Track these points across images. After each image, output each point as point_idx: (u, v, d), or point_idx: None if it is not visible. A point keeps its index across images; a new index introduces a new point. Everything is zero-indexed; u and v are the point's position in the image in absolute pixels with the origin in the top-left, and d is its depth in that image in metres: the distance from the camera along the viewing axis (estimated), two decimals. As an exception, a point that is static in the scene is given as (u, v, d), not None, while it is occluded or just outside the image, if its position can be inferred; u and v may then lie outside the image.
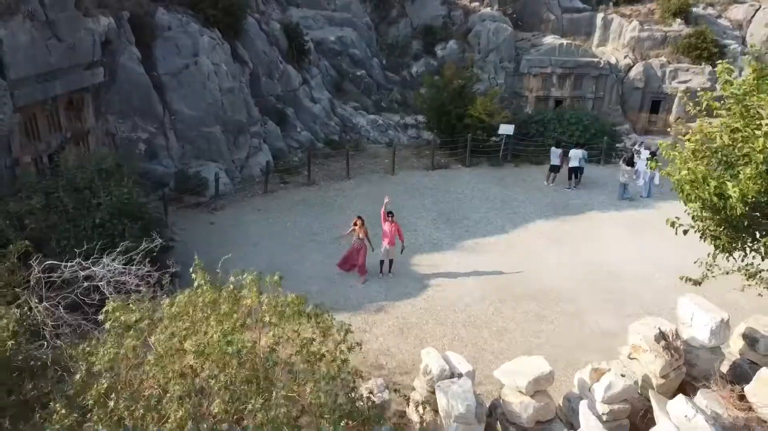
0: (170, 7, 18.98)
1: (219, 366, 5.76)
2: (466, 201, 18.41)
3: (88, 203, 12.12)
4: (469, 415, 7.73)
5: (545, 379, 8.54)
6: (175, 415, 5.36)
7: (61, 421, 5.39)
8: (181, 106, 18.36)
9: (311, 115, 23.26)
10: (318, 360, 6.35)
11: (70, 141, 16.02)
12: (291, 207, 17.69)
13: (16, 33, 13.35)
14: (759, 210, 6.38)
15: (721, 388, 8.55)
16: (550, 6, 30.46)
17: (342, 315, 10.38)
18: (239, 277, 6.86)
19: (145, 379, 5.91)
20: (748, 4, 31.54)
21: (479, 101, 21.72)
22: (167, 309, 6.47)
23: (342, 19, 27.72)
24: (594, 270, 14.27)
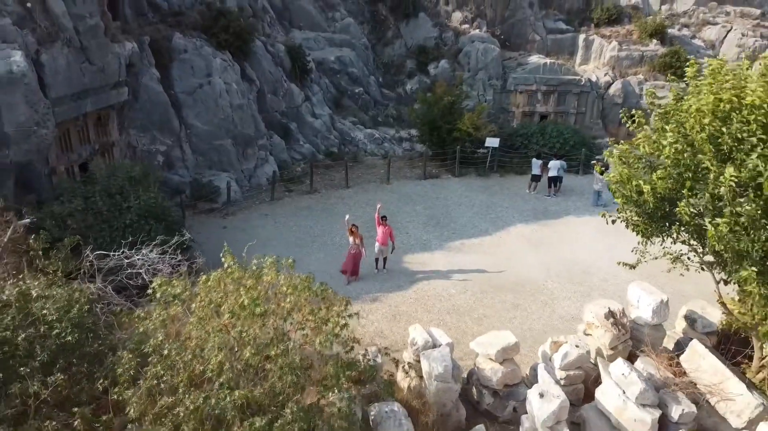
0: (186, 32, 20.73)
1: (248, 323, 7.35)
2: (454, 207, 20.06)
3: (119, 206, 13.74)
4: (447, 374, 9.31)
5: (511, 349, 10.14)
6: (216, 359, 6.94)
7: (129, 363, 6.98)
8: (195, 121, 20.05)
9: (313, 129, 24.97)
10: (324, 323, 7.93)
11: (97, 152, 17.68)
12: (295, 212, 19.31)
13: (56, 58, 15.06)
14: (669, 203, 8.02)
15: (658, 356, 10.18)
16: (536, 27, 32.32)
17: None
18: (260, 260, 8.47)
19: (188, 336, 7.49)
20: (720, 26, 33.45)
21: (467, 116, 23.47)
22: (203, 283, 8.06)
23: (341, 41, 29.53)
24: (567, 267, 15.90)
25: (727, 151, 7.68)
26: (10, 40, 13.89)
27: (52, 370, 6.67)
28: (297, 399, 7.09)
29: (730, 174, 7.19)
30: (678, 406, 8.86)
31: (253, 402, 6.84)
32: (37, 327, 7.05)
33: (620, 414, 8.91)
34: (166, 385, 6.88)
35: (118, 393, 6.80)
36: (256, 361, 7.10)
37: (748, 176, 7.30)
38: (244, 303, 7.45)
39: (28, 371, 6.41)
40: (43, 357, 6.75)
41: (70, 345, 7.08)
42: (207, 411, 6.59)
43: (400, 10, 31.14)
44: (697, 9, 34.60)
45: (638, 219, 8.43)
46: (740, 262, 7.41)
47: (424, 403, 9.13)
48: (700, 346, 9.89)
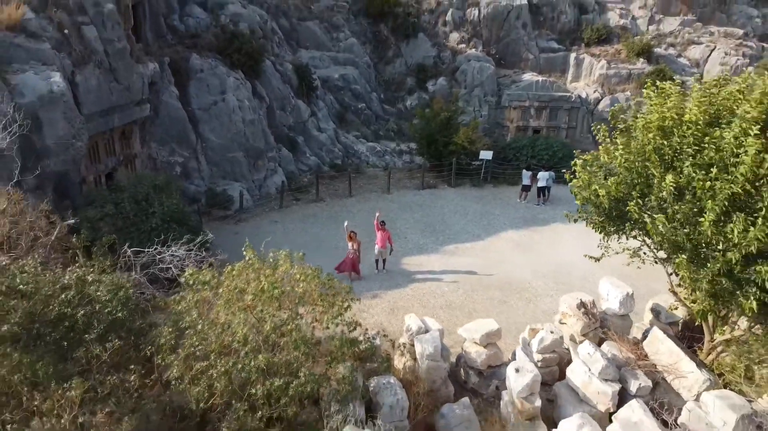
0: (202, 53, 22.33)
1: (267, 304, 8.73)
2: (450, 215, 21.46)
3: (145, 211, 15.18)
4: (436, 354, 10.65)
5: (494, 334, 11.48)
6: (241, 332, 8.30)
7: (169, 335, 8.36)
8: (210, 135, 21.57)
9: (318, 143, 26.47)
10: (331, 306, 9.30)
11: (121, 163, 19.18)
12: (302, 219, 20.72)
13: (88, 78, 16.62)
14: (622, 204, 9.40)
15: (623, 341, 11.51)
16: (529, 47, 33.92)
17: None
18: (276, 253, 9.86)
19: (217, 314, 8.87)
20: (705, 45, 35.01)
21: (463, 131, 24.96)
22: (228, 272, 9.45)
23: (345, 59, 31.14)
24: (551, 268, 17.25)
25: (669, 161, 9.09)
26: (49, 63, 15.43)
27: (106, 340, 8.04)
28: (308, 366, 8.44)
29: (669, 180, 8.59)
30: (636, 381, 10.18)
31: (272, 367, 8.19)
32: (93, 305, 8.43)
33: (586, 388, 10.24)
34: (201, 353, 8.24)
35: (162, 358, 8.17)
36: (274, 335, 8.47)
37: (684, 182, 8.69)
38: (264, 287, 8.84)
39: (91, 338, 7.78)
40: (99, 329, 8.12)
41: (119, 321, 8.45)
42: (235, 373, 7.95)
43: (401, 31, 32.78)
44: (682, 29, 36.16)
45: (597, 218, 9.81)
46: (676, 252, 8.78)
47: (416, 378, 10.45)
48: (660, 333, 11.24)
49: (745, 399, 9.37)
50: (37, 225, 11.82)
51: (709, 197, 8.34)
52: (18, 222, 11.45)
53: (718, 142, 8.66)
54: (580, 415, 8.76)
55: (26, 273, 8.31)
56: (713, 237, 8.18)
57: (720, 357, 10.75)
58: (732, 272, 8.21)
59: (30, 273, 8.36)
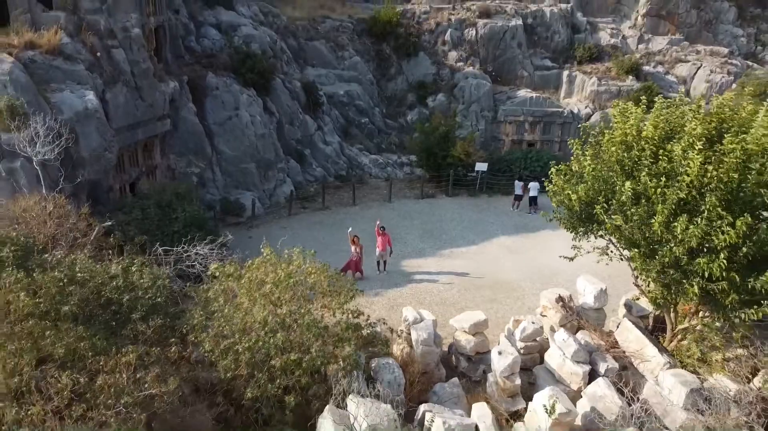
0: (217, 72, 23.93)
1: (283, 292, 10.13)
2: (447, 222, 22.87)
3: (169, 216, 16.64)
4: (429, 340, 12.01)
5: (482, 324, 12.84)
6: (261, 315, 9.70)
7: (200, 317, 9.76)
8: (224, 148, 23.09)
9: (324, 155, 27.98)
10: (337, 295, 10.69)
11: (143, 173, 20.69)
12: (310, 226, 22.15)
13: (117, 96, 18.18)
14: (590, 207, 10.80)
15: (596, 331, 12.86)
16: (524, 65, 35.49)
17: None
18: (290, 251, 11.28)
19: (240, 301, 10.26)
20: (691, 63, 36.55)
21: (460, 144, 26.45)
22: (249, 266, 10.87)
23: (349, 77, 32.75)
24: (538, 270, 18.61)
25: (630, 170, 10.51)
26: (83, 82, 17.00)
27: (148, 321, 9.43)
28: (318, 345, 9.82)
29: (628, 186, 10.01)
30: (604, 363, 11.53)
31: (288, 344, 9.57)
32: (136, 292, 9.85)
33: (561, 369, 11.59)
34: (228, 332, 9.63)
35: (195, 336, 9.57)
36: (289, 319, 9.87)
37: (641, 188, 10.10)
38: (280, 278, 10.25)
39: (136, 318, 9.19)
40: (141, 311, 9.52)
41: (158, 305, 9.85)
42: (257, 348, 9.34)
43: (402, 50, 34.40)
44: (670, 48, 37.73)
45: (568, 219, 11.23)
46: (632, 247, 10.18)
47: (412, 360, 11.80)
48: (629, 323, 12.60)
49: (696, 377, 10.73)
50: (77, 227, 13.27)
51: (660, 201, 9.75)
52: (62, 224, 12.91)
53: (670, 154, 10.09)
54: (551, 388, 10.12)
55: (81, 265, 9.74)
56: (662, 235, 9.57)
57: (680, 343, 12.08)
58: (679, 264, 9.59)
59: (84, 264, 9.79)
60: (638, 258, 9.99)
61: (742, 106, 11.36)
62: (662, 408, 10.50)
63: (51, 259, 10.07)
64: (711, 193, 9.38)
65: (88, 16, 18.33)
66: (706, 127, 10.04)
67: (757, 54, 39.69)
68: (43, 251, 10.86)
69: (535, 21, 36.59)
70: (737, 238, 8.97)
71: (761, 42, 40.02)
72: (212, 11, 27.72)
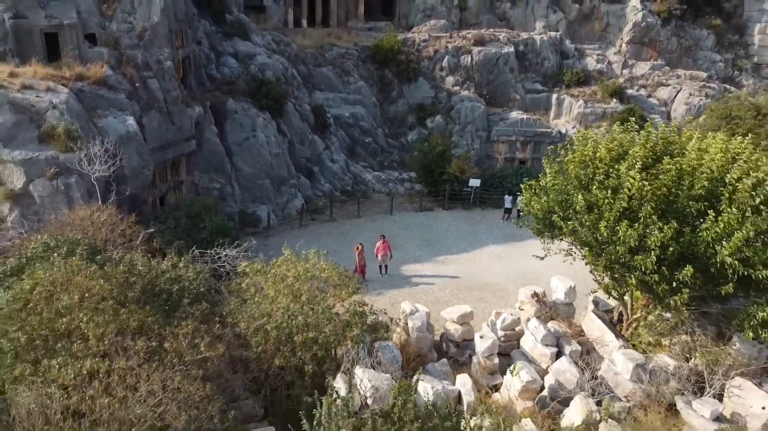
0: (236, 97, 26.33)
1: (303, 284, 12.28)
2: (442, 232, 25.04)
3: (197, 226, 18.86)
4: (423, 327, 14.12)
5: (468, 315, 14.94)
6: (286, 300, 11.86)
7: (235, 304, 11.92)
8: (242, 166, 25.40)
9: (331, 172, 30.27)
10: (346, 287, 12.85)
11: (171, 188, 22.98)
12: (319, 235, 24.34)
13: (151, 120, 20.54)
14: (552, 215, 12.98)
15: (563, 321, 14.95)
16: (516, 88, 37.87)
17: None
18: (307, 251, 13.46)
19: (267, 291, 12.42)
20: (672, 87, 38.87)
21: (455, 162, 28.72)
22: (273, 263, 13.04)
23: (354, 100, 35.15)
24: (522, 274, 20.70)
25: (585, 185, 12.71)
26: (124, 109, 19.36)
27: (194, 306, 11.57)
28: (330, 327, 11.94)
29: (580, 198, 12.20)
30: (569, 346, 13.60)
31: (306, 325, 11.70)
32: (182, 283, 12.02)
33: (532, 351, 13.67)
34: (257, 315, 11.78)
35: (232, 318, 11.72)
36: (306, 307, 12.03)
37: (593, 199, 12.29)
38: (300, 273, 12.44)
39: (186, 302, 11.35)
40: (188, 299, 11.68)
41: (201, 294, 12.02)
42: (282, 328, 11.47)
43: (403, 75, 36.85)
44: (653, 72, 40.11)
45: (536, 226, 13.43)
46: (585, 247, 12.34)
47: (408, 344, 13.91)
48: (593, 315, 14.72)
49: (642, 356, 12.80)
50: (125, 233, 15.50)
51: (607, 210, 11.92)
52: (113, 230, 15.15)
53: (617, 172, 12.28)
54: (521, 362, 12.21)
55: (139, 261, 11.94)
56: (608, 237, 11.74)
57: (634, 331, 14.16)
58: (621, 261, 11.74)
59: (141, 261, 12.00)
60: (590, 255, 12.16)
61: (684, 132, 13.62)
62: (614, 381, 12.55)
63: (113, 257, 12.28)
64: (647, 203, 11.55)
65: (127, 51, 20.78)
66: (646, 152, 12.25)
67: (734, 78, 42.06)
68: (102, 251, 13.08)
69: (526, 48, 39.03)
70: (666, 240, 11.12)
71: (738, 67, 42.42)
72: (230, 42, 30.24)
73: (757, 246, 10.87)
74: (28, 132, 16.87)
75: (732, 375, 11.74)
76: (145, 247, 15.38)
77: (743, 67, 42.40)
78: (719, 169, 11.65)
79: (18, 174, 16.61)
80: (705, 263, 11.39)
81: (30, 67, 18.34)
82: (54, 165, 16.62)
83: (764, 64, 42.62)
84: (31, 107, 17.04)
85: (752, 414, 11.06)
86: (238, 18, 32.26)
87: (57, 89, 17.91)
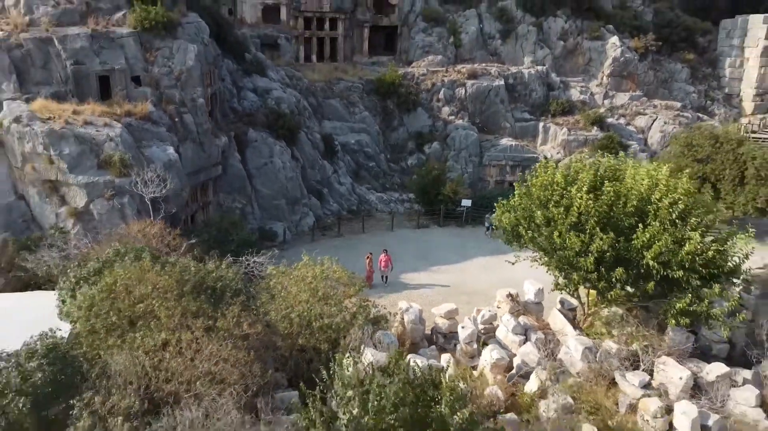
0: (256, 128, 29.57)
1: (319, 283, 15.22)
2: (437, 246, 27.96)
3: (226, 239, 21.85)
4: (416, 320, 16.98)
5: (453, 311, 17.80)
6: (305, 295, 14.78)
7: (266, 297, 14.85)
8: (261, 188, 28.51)
9: (339, 194, 33.36)
10: (353, 285, 15.77)
11: (200, 207, 26.06)
12: (328, 248, 27.23)
13: (186, 149, 23.71)
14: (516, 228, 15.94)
15: (532, 316, 17.80)
16: (506, 117, 41.08)
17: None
18: (322, 258, 16.42)
19: (290, 289, 15.35)
20: (648, 116, 42.05)
21: (449, 184, 31.79)
22: (295, 266, 16.00)
23: (359, 128, 38.41)
24: (504, 281, 23.41)
25: (545, 203, 15.69)
26: (165, 140, 22.54)
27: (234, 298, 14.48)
28: (341, 316, 14.83)
29: (539, 214, 15.18)
30: (535, 335, 16.42)
31: (322, 314, 14.60)
32: (224, 281, 14.97)
33: (505, 338, 16.51)
34: (283, 306, 14.70)
35: (264, 308, 14.64)
36: (322, 301, 14.96)
37: (550, 215, 15.26)
38: (316, 274, 15.40)
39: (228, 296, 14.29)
40: (230, 293, 14.60)
41: (239, 290, 14.96)
42: (303, 316, 14.38)
43: (404, 106, 40.16)
44: (631, 103, 43.31)
45: (506, 236, 16.40)
46: (542, 252, 15.28)
47: (404, 334, 16.76)
48: (557, 312, 17.60)
49: (591, 342, 15.63)
50: (170, 244, 18.51)
51: (561, 223, 14.89)
52: (162, 241, 18.17)
53: (569, 194, 15.28)
54: (492, 345, 15.07)
55: (191, 263, 14.92)
56: (561, 244, 14.69)
57: (590, 324, 17.00)
58: (570, 263, 14.68)
59: (192, 263, 14.97)
60: (546, 259, 15.10)
61: (625, 162, 16.65)
62: (569, 361, 15.35)
63: (169, 260, 15.27)
64: (591, 218, 14.52)
65: (166, 90, 24.07)
66: (591, 178, 15.27)
67: (707, 107, 45.26)
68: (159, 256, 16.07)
69: (515, 81, 42.36)
70: (605, 247, 14.05)
71: (710, 97, 45.63)
72: (250, 78, 33.63)
73: (673, 251, 13.79)
74: (89, 160, 20.03)
75: (659, 355, 14.57)
76: (188, 255, 18.34)
77: (715, 98, 45.61)
78: (646, 191, 14.64)
79: (81, 195, 19.72)
80: (635, 265, 14.32)
81: (89, 105, 21.57)
82: (111, 187, 19.74)
83: (734, 94, 45.82)
84: (92, 139, 20.23)
85: (672, 382, 13.87)
86: (255, 56, 35.72)
87: (112, 124, 21.12)
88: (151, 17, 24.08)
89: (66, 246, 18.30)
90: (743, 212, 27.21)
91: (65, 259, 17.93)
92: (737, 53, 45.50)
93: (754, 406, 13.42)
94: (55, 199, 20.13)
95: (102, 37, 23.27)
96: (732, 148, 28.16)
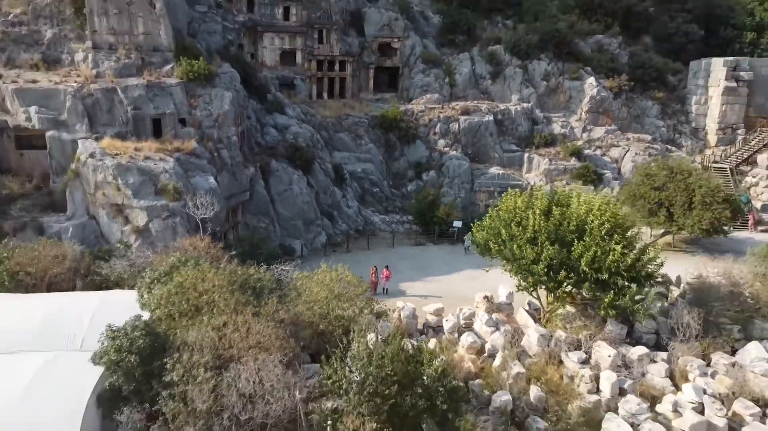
0: (277, 159, 34.04)
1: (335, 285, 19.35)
2: (431, 260, 32.09)
3: (256, 252, 26.06)
4: (410, 315, 21.07)
5: (440, 310, 21.89)
6: (324, 293, 18.90)
7: (294, 295, 18.99)
8: (282, 210, 32.83)
9: (347, 216, 37.64)
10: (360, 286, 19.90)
11: (231, 227, 30.35)
12: (338, 262, 31.11)
13: (222, 178, 28.11)
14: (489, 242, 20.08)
15: (503, 314, 21.86)
16: (495, 149, 45.46)
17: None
18: (336, 265, 20.59)
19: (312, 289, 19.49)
20: (622, 147, 46.36)
21: (443, 208, 36.06)
22: (316, 272, 20.17)
23: (365, 158, 42.85)
24: (487, 288, 27.57)
25: (509, 223, 19.89)
26: (206, 171, 26.96)
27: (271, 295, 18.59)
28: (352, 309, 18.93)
29: (503, 232, 19.39)
30: (504, 327, 20.47)
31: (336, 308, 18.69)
32: (263, 281, 19.14)
33: (479, 329, 20.57)
34: (309, 301, 18.83)
35: (292, 302, 18.78)
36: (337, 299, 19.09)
37: (512, 232, 19.45)
38: (333, 277, 19.59)
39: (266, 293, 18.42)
40: (267, 290, 18.73)
41: (274, 288, 19.12)
42: (322, 309, 18.50)
43: (404, 138, 44.64)
44: (607, 135, 47.65)
45: (479, 249, 20.58)
46: (506, 261, 19.43)
47: (400, 327, 20.82)
48: (523, 310, 21.70)
49: (547, 331, 19.68)
50: (215, 256, 22.75)
51: (520, 238, 19.07)
52: (208, 253, 22.42)
53: (527, 215, 19.49)
54: (468, 333, 19.15)
55: (238, 268, 19.13)
56: (520, 254, 18.86)
57: (549, 320, 21.04)
58: (527, 269, 18.83)
59: (237, 268, 19.18)
60: (509, 266, 19.28)
61: (575, 190, 20.92)
62: (528, 346, 19.37)
63: (220, 266, 19.50)
64: (542, 235, 18.71)
65: (207, 130, 28.58)
66: (543, 203, 19.51)
67: (675, 140, 49.60)
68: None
69: (503, 116, 46.87)
70: (552, 256, 18.20)
71: (678, 131, 50.01)
72: (271, 115, 38.25)
73: (602, 259, 17.92)
74: (148, 188, 24.42)
75: (596, 340, 18.60)
76: (230, 263, 22.54)
77: (683, 131, 49.99)
78: (584, 214, 18.86)
79: (142, 216, 24.07)
80: (575, 270, 18.46)
81: (146, 143, 26.06)
82: (166, 210, 24.08)
83: (700, 128, 50.17)
84: (150, 171, 24.65)
85: (603, 359, 17.89)
86: (275, 96, 40.42)
87: (165, 158, 25.57)
88: (195, 70, 28.73)
89: (131, 257, 22.54)
90: (690, 233, 31.27)
91: (131, 267, 22.17)
92: (702, 92, 49.95)
93: (664, 377, 17.40)
94: (120, 219, 24.47)
95: (155, 87, 27.89)
96: (684, 177, 32.34)
